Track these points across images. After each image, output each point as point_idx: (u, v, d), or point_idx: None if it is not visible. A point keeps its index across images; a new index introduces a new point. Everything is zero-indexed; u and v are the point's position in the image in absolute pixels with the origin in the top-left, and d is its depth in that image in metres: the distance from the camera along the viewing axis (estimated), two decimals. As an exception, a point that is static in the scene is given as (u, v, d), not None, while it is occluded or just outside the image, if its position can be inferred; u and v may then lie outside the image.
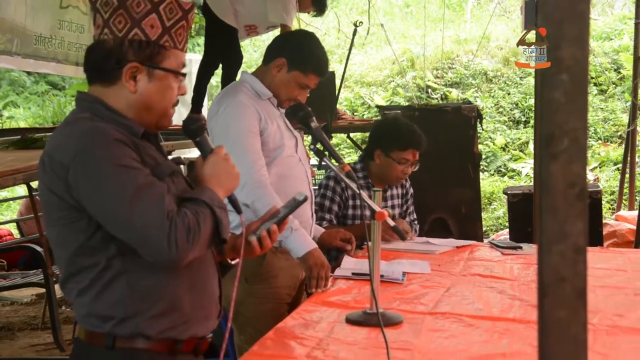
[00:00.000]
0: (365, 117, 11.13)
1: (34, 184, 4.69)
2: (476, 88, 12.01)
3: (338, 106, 6.63)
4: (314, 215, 3.13)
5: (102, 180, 1.73)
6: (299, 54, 2.97)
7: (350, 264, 3.13)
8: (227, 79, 5.78)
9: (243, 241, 1.95)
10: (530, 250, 3.60)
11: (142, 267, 1.78)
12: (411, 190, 4.05)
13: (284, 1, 5.36)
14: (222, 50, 5.74)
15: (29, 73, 13.71)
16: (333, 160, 2.62)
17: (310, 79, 2.99)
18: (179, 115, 1.95)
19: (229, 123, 2.89)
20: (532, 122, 10.84)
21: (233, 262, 2.11)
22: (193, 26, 16.00)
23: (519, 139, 11.05)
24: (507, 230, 6.40)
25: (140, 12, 1.84)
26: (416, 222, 4.07)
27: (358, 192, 2.33)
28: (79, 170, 1.74)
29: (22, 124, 12.24)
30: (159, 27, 1.85)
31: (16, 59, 5.52)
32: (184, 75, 1.92)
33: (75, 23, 6.24)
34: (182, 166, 2.03)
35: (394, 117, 3.92)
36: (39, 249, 4.76)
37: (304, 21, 8.09)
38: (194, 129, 1.97)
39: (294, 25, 5.85)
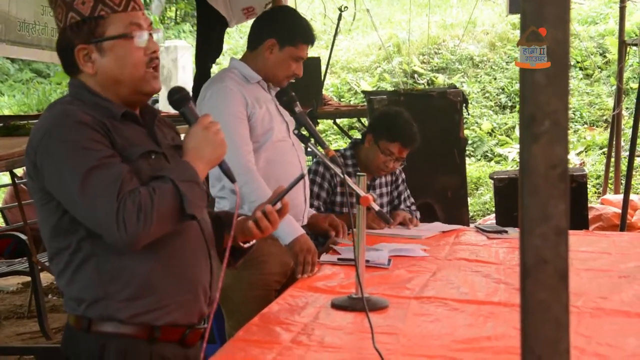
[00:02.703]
0: (351, 103, 11.10)
1: (18, 172, 4.66)
2: (462, 73, 12.01)
3: (324, 92, 6.63)
4: (307, 200, 3.12)
5: (59, 163, 1.74)
6: (286, 29, 2.98)
7: (344, 250, 3.12)
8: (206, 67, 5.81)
9: (235, 214, 1.90)
10: (515, 234, 3.61)
11: (110, 249, 1.77)
12: (402, 176, 4.02)
13: None
14: (219, 42, 5.76)
15: (12, 60, 13.60)
16: (319, 147, 2.61)
17: (302, 50, 3.00)
18: None
19: (215, 108, 2.87)
20: (518, 107, 10.85)
21: (246, 246, 2.08)
22: (178, 12, 15.90)
23: (506, 123, 11.07)
24: (494, 214, 6.42)
25: None
26: (414, 206, 4.04)
27: (343, 176, 2.32)
28: (43, 153, 1.75)
29: (7, 112, 12.14)
30: (90, 0, 1.82)
31: (1, 45, 5.47)
32: (131, 34, 1.84)
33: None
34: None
35: (398, 110, 3.89)
36: (23, 237, 4.73)
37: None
38: (176, 99, 1.93)
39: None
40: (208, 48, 5.80)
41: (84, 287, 1.80)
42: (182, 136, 1.98)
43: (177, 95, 1.93)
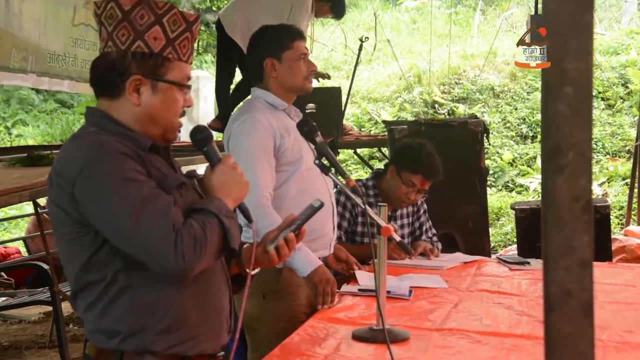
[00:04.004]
0: (372, 132, 11.11)
1: (41, 201, 4.70)
2: (483, 103, 11.99)
3: (345, 122, 6.65)
4: (335, 230, 3.11)
5: (106, 194, 1.72)
6: (270, 43, 3.00)
7: (364, 279, 3.10)
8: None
9: (254, 250, 1.93)
10: (538, 265, 3.58)
11: (147, 281, 1.77)
12: (424, 207, 4.00)
13: (305, 16, 5.38)
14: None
15: (37, 91, 13.77)
16: (340, 177, 2.61)
17: (299, 48, 3.01)
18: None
19: (241, 139, 2.89)
20: (539, 137, 10.80)
21: (253, 273, 2.08)
22: (200, 43, 16.06)
23: (527, 154, 11.02)
24: (516, 245, 6.36)
25: (144, 24, 1.82)
26: (435, 237, 4.02)
27: (364, 206, 2.32)
28: (84, 185, 1.73)
29: (31, 142, 12.27)
30: (163, 39, 1.83)
31: (31, 76, 5.56)
32: (189, 87, 1.91)
33: (89, 41, 6.29)
34: (195, 180, 2.02)
35: (421, 142, 3.88)
36: (45, 266, 4.75)
37: (309, 37, 8.12)
38: (200, 139, 1.96)
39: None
40: (228, 80, 5.84)
41: (118, 319, 1.79)
42: (193, 167, 2.01)
43: (200, 135, 1.96)
